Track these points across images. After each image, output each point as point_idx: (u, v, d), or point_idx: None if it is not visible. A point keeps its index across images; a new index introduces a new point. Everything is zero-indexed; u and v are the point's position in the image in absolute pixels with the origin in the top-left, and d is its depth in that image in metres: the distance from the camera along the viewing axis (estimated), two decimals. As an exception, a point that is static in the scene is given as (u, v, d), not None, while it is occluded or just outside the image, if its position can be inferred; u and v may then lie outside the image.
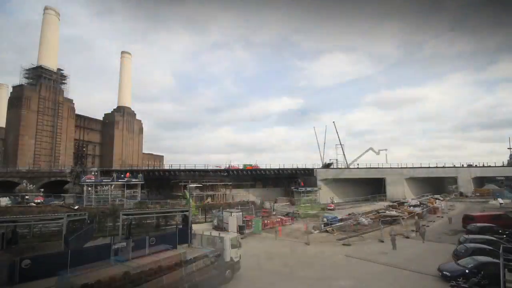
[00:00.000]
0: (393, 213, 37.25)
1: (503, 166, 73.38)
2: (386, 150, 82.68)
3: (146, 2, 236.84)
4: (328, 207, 51.83)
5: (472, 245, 18.70)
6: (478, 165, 71.79)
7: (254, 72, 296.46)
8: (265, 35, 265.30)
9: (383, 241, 24.38)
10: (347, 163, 76.85)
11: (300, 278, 15.76)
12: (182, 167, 65.98)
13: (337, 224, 30.67)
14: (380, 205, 51.26)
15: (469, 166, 70.17)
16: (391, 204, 50.25)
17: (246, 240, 25.97)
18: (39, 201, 46.84)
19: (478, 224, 25.79)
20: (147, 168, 77.40)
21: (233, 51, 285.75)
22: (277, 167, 69.68)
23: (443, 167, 72.12)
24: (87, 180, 49.95)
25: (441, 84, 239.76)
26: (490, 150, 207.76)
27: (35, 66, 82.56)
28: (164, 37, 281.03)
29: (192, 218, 26.72)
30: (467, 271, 14.77)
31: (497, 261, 14.55)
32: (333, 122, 72.74)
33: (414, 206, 45.72)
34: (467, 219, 28.86)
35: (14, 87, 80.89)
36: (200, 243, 18.47)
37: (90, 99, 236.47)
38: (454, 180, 73.54)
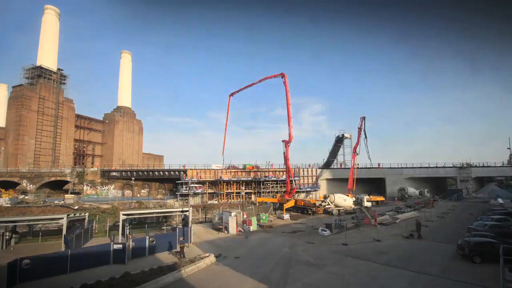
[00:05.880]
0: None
1: (503, 166, 73.36)
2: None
3: (147, 2, 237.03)
4: None
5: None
6: (478, 165, 71.76)
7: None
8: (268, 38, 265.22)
9: (379, 240, 24.44)
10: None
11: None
12: (182, 167, 66.02)
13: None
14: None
15: (469, 166, 70.12)
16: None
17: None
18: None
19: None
20: (147, 168, 77.35)
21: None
22: (277, 167, 69.71)
23: (443, 167, 72.11)
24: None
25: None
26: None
27: (35, 66, 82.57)
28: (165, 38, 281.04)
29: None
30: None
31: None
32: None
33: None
34: None
35: (14, 87, 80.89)
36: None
37: (90, 99, 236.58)
38: (454, 180, 73.57)
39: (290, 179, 54.35)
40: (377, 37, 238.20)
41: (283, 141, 52.14)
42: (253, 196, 62.61)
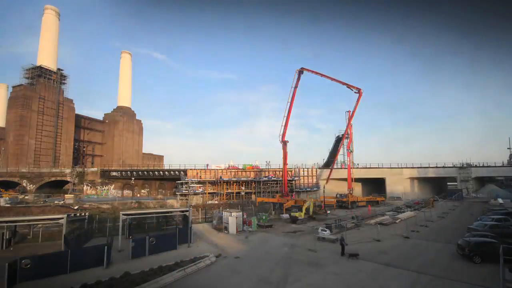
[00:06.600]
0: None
1: (503, 166, 73.32)
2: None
3: (147, 2, 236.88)
4: None
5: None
6: (478, 165, 71.73)
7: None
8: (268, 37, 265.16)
9: (379, 240, 24.46)
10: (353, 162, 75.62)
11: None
12: (182, 167, 66.08)
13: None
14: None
15: (469, 166, 70.08)
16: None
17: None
18: None
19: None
20: (147, 168, 77.38)
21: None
22: (277, 167, 69.61)
23: (443, 167, 72.08)
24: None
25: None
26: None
27: (35, 66, 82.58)
28: (165, 37, 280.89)
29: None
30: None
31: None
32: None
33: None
34: None
35: (14, 87, 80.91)
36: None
37: (90, 99, 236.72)
38: (454, 180, 73.49)
39: (288, 179, 54.38)
40: (377, 37, 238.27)
41: (282, 142, 52.04)
42: (253, 196, 62.59)
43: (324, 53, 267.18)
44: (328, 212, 45.11)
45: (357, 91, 51.27)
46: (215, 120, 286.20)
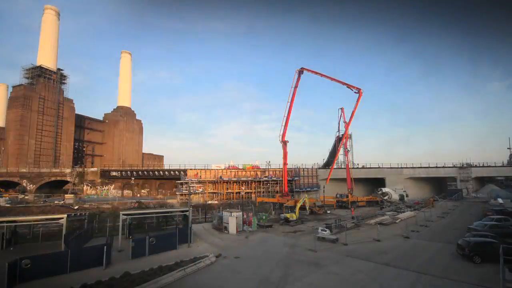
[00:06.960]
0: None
1: (503, 166, 73.28)
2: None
3: (147, 1, 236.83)
4: None
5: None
6: (478, 165, 71.69)
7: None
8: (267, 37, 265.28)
9: (379, 240, 24.44)
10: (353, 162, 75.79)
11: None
12: (182, 167, 66.11)
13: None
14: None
15: (469, 166, 70.05)
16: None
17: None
18: None
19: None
20: (147, 168, 77.41)
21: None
22: (277, 167, 69.60)
23: (443, 167, 72.04)
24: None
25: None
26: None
27: (35, 66, 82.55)
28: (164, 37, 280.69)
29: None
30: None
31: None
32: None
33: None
34: None
35: (14, 87, 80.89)
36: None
37: (90, 99, 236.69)
38: (454, 179, 73.45)
39: (288, 179, 54.42)
40: (377, 37, 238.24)
41: (282, 142, 52.10)
42: (253, 196, 62.60)
43: (324, 53, 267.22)
44: (329, 211, 45.18)
45: (357, 91, 51.42)
46: (215, 120, 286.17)
